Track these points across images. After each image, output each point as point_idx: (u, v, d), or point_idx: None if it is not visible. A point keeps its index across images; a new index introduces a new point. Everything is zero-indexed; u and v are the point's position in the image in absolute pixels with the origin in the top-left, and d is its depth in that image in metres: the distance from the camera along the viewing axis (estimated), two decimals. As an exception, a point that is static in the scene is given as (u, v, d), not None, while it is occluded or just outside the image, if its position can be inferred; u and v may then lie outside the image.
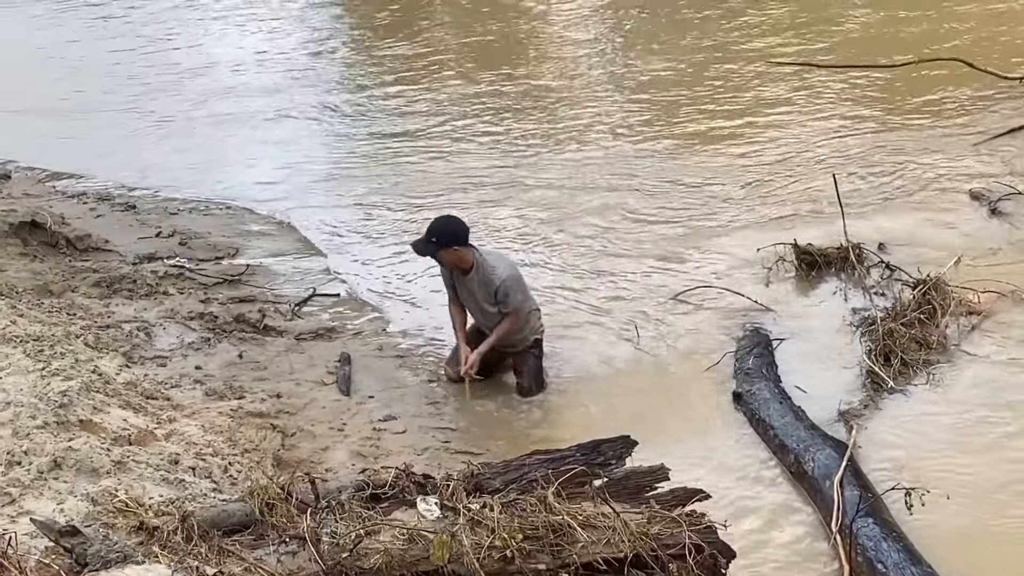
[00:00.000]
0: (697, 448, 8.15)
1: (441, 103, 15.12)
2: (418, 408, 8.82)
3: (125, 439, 7.41)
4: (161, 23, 18.91)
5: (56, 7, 20.21)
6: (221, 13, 19.87)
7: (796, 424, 8.09)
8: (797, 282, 10.18)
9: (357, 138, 14.35)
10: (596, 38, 17.31)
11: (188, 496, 6.82)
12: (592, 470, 6.40)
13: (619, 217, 11.59)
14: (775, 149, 12.75)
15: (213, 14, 19.77)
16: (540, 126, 14.15)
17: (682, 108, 14.24)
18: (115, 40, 18.32)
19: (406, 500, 6.23)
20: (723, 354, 9.23)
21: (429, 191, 12.55)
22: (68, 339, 8.95)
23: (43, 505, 6.49)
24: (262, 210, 12.44)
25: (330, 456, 7.98)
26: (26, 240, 10.99)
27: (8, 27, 19.17)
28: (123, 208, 12.51)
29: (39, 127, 14.96)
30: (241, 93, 15.85)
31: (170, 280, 10.60)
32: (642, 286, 10.38)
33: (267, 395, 8.74)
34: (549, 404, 8.95)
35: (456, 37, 17.85)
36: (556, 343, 9.57)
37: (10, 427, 7.24)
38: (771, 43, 15.86)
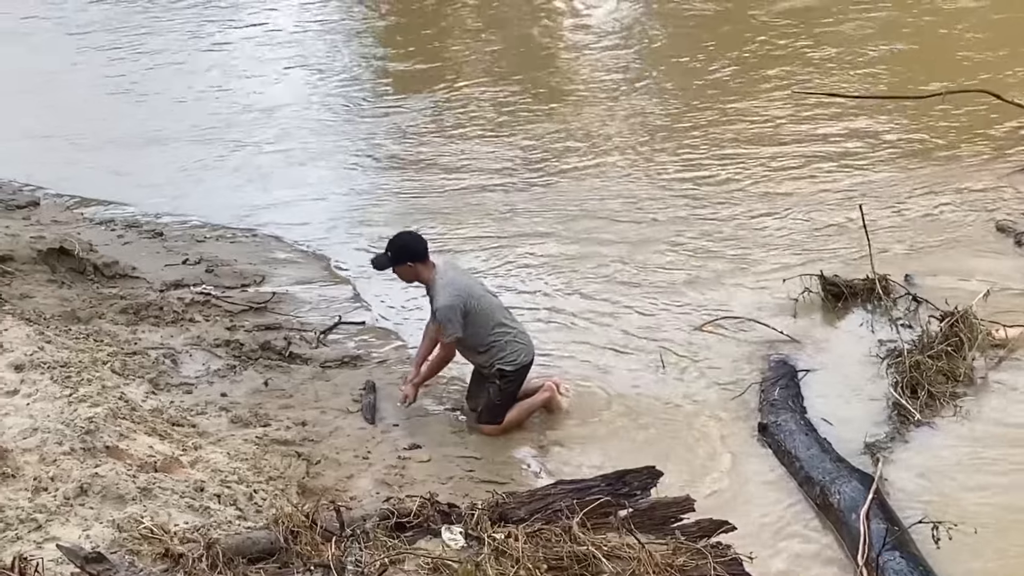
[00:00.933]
0: (723, 479, 8.14)
1: (466, 133, 15.11)
2: (443, 437, 8.82)
3: (151, 466, 7.43)
4: (196, 57, 18.99)
5: (96, 36, 20.32)
6: (250, 37, 19.96)
7: (822, 456, 8.07)
8: (823, 313, 10.15)
9: (384, 167, 14.35)
10: (622, 66, 17.28)
11: (213, 523, 6.82)
12: (617, 500, 6.40)
13: (644, 247, 11.56)
14: (801, 179, 12.73)
15: (244, 46, 19.85)
16: (565, 155, 14.13)
17: (707, 136, 14.21)
18: (149, 71, 18.39)
19: (431, 529, 6.25)
20: (748, 385, 9.21)
21: (454, 220, 12.55)
22: (95, 365, 8.98)
23: (69, 531, 6.51)
24: (288, 238, 12.45)
25: (355, 484, 7.97)
26: (54, 267, 11.02)
27: (40, 57, 19.27)
28: (150, 235, 12.54)
29: (68, 154, 15.00)
30: (269, 121, 15.85)
31: (196, 307, 10.61)
32: (668, 316, 10.37)
33: (292, 423, 8.75)
34: (573, 434, 8.94)
35: (485, 82, 17.88)
36: (581, 372, 9.57)
37: (37, 453, 7.27)
38: (798, 73, 15.84)
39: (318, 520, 6.29)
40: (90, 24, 20.85)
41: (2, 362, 8.65)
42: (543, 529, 6.11)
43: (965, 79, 14.41)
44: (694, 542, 6.24)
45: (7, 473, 7.01)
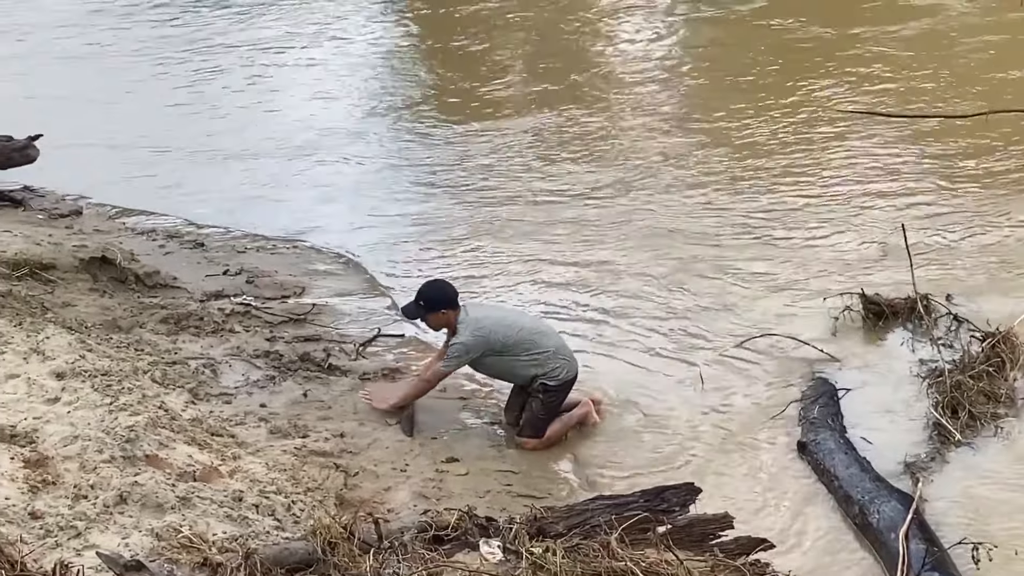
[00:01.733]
0: (761, 497, 8.12)
1: (508, 144, 15.12)
2: (481, 450, 8.82)
3: (190, 475, 7.46)
4: (244, 67, 19.08)
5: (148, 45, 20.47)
6: (296, 45, 20.04)
7: (861, 475, 8.04)
8: (864, 332, 10.11)
9: (424, 180, 14.37)
10: (666, 79, 17.29)
11: (251, 533, 6.84)
12: (656, 516, 6.39)
13: (682, 263, 11.55)
14: (842, 198, 12.68)
15: (291, 52, 19.92)
16: (603, 168, 14.12)
17: (748, 154, 14.18)
18: (193, 80, 18.50)
19: (469, 542, 6.25)
20: (788, 403, 9.18)
21: (493, 233, 12.56)
22: (136, 374, 9.02)
23: (108, 539, 6.54)
24: (329, 250, 12.49)
25: (392, 496, 7.97)
26: (96, 275, 11.08)
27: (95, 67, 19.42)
28: (191, 245, 12.60)
29: (112, 164, 15.09)
30: (313, 133, 15.90)
31: (236, 318, 10.65)
32: (706, 333, 10.34)
33: (331, 434, 8.76)
34: (612, 451, 8.94)
35: (525, 83, 17.89)
36: (620, 388, 9.57)
37: (77, 461, 7.31)
38: (839, 91, 15.79)
39: (356, 532, 6.30)
40: (150, 45, 20.99)
41: (44, 369, 8.70)
42: (581, 544, 6.10)
43: (1012, 98, 14.35)
44: (733, 559, 6.23)
45: (47, 480, 7.05)
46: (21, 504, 6.71)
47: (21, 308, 9.84)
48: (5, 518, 6.41)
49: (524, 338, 9.07)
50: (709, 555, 6.27)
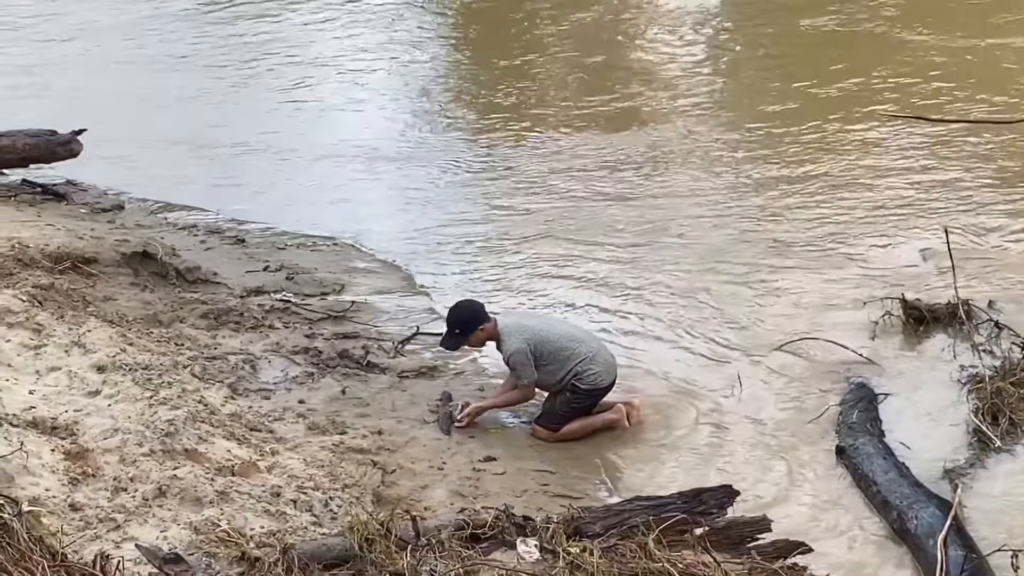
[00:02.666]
0: (799, 501, 8.09)
1: (545, 146, 15.13)
2: (518, 450, 8.83)
3: (228, 470, 7.50)
4: (291, 65, 19.15)
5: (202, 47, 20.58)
6: (343, 52, 20.07)
7: (900, 480, 8.00)
8: (904, 337, 10.05)
9: (463, 180, 14.39)
10: (708, 82, 17.26)
11: (289, 529, 6.88)
12: (693, 518, 6.39)
13: (726, 265, 11.52)
14: (885, 201, 12.61)
15: (334, 52, 19.96)
16: (640, 171, 14.11)
17: (788, 153, 14.13)
18: (239, 77, 18.56)
19: (506, 541, 6.26)
20: (827, 407, 9.15)
21: (530, 232, 12.56)
22: (175, 369, 9.07)
23: (147, 532, 6.58)
24: (368, 247, 12.51)
25: (429, 494, 7.98)
26: (137, 270, 11.13)
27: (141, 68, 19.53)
28: (232, 241, 12.65)
29: (155, 159, 15.17)
30: (354, 132, 15.93)
31: (276, 314, 10.69)
32: (744, 336, 10.31)
33: (369, 431, 8.78)
34: (649, 451, 8.93)
35: (564, 82, 17.88)
36: (658, 389, 9.58)
37: (117, 453, 7.36)
38: (885, 94, 15.72)
39: (393, 529, 6.32)
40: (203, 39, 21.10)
41: (85, 363, 8.77)
42: (618, 544, 6.11)
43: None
44: (770, 562, 6.22)
45: (88, 472, 7.11)
46: (61, 496, 6.77)
47: (63, 301, 9.91)
48: (46, 509, 6.46)
49: (563, 344, 9.10)
50: (746, 558, 6.26)
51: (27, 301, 9.60)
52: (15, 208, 12.90)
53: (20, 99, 17.12)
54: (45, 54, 20.26)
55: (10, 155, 13.36)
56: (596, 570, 5.89)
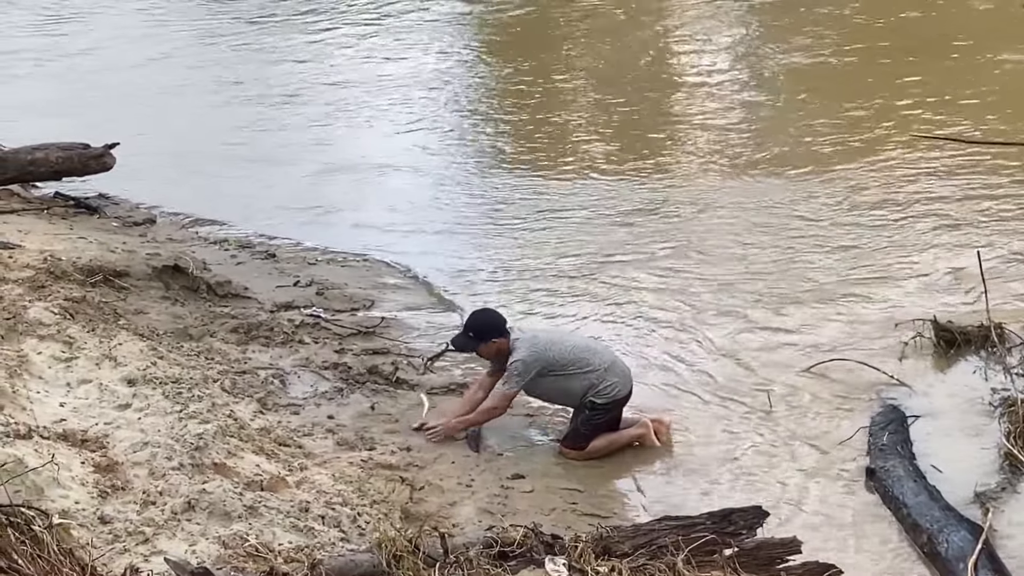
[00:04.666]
0: (829, 523, 8.06)
1: (585, 178, 15.13)
2: (547, 468, 8.81)
3: (257, 484, 7.51)
4: (318, 77, 19.24)
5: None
6: (375, 63, 20.13)
7: (930, 503, 7.95)
8: (935, 359, 10.01)
9: (496, 197, 14.38)
10: (739, 101, 17.25)
11: (317, 544, 6.88)
12: (723, 539, 6.37)
13: (752, 286, 11.49)
14: (918, 221, 12.56)
15: (367, 65, 20.03)
16: (670, 186, 14.11)
17: (820, 173, 14.10)
18: (267, 93, 18.64)
19: (534, 559, 6.25)
20: (857, 428, 9.11)
21: (561, 251, 12.56)
22: (205, 383, 9.09)
23: (176, 546, 6.59)
24: (398, 264, 12.52)
25: (458, 511, 7.98)
26: (168, 284, 11.16)
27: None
28: (263, 256, 12.67)
29: (183, 172, 15.23)
30: (388, 151, 15.94)
31: (306, 329, 10.70)
32: (775, 356, 10.28)
33: (397, 447, 8.79)
34: (678, 471, 8.90)
35: (591, 88, 17.91)
36: (688, 409, 9.55)
37: (147, 467, 7.38)
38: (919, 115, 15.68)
39: (421, 545, 6.32)
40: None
41: (115, 376, 8.80)
42: (647, 565, 6.09)
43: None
44: (800, 584, 6.20)
45: (117, 486, 7.12)
46: (91, 508, 6.79)
47: (94, 314, 9.94)
48: (76, 522, 6.48)
49: (577, 356, 9.09)
50: (776, 579, 6.24)
51: (59, 314, 9.64)
52: (48, 221, 12.97)
53: (52, 114, 17.20)
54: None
55: (43, 168, 13.43)
56: (625, 590, 5.88)
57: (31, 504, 5.82)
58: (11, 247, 11.03)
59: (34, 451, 7.12)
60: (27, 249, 11.04)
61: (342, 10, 22.93)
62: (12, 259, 10.61)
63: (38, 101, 17.86)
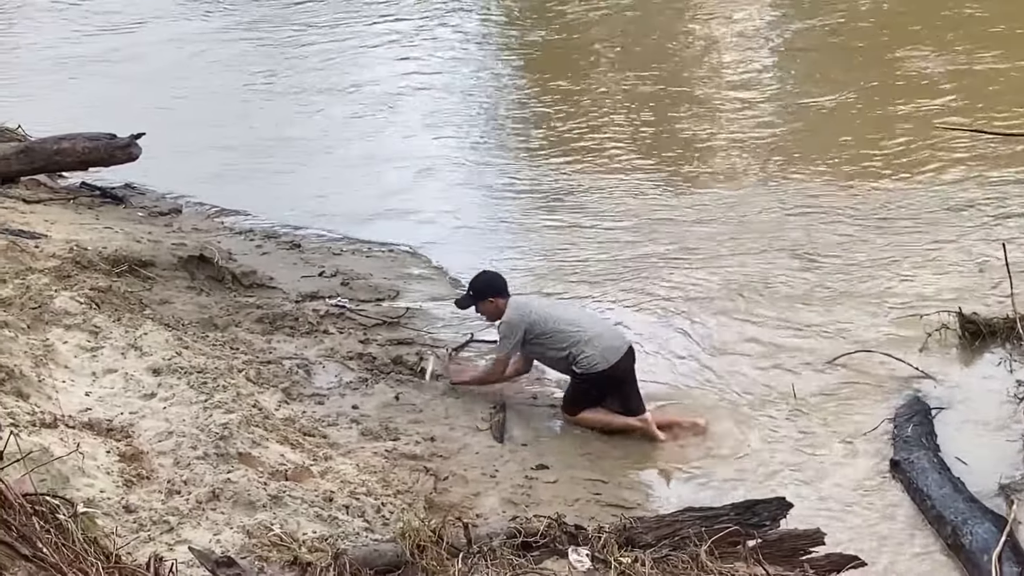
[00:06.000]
0: (853, 514, 8.05)
1: (603, 151, 15.14)
2: (571, 459, 8.82)
3: (282, 474, 7.53)
4: (344, 68, 19.25)
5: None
6: (400, 51, 20.15)
7: (954, 495, 7.94)
8: (960, 351, 9.99)
9: (520, 190, 14.36)
10: (763, 87, 17.20)
11: (341, 534, 6.89)
12: (746, 530, 6.36)
13: (774, 276, 11.47)
14: (943, 213, 12.53)
15: (391, 53, 20.02)
16: (697, 189, 14.08)
17: (842, 166, 14.07)
18: (297, 82, 18.69)
19: (557, 550, 6.25)
20: (881, 420, 9.10)
21: (584, 242, 12.57)
22: (230, 373, 9.11)
23: (200, 535, 6.61)
24: (423, 254, 12.53)
25: (481, 502, 8.00)
26: (193, 274, 11.18)
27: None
28: (288, 246, 12.70)
29: (211, 163, 15.26)
30: (412, 140, 15.97)
31: (331, 319, 10.72)
32: (799, 348, 10.26)
33: (421, 438, 8.80)
34: (701, 463, 8.89)
35: (620, 87, 17.88)
36: (711, 400, 9.57)
37: (172, 456, 7.41)
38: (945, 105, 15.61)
39: (445, 536, 6.32)
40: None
41: (141, 365, 8.83)
42: (671, 556, 6.09)
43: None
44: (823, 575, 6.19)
45: (142, 475, 7.15)
46: (116, 497, 6.81)
47: (120, 304, 9.97)
48: (100, 511, 6.50)
49: (558, 328, 9.34)
50: (799, 571, 6.23)
51: (84, 303, 9.67)
52: (74, 211, 13.02)
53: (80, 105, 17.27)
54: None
55: (70, 158, 13.47)
56: (648, 581, 5.88)
57: (56, 493, 5.83)
58: (37, 237, 11.06)
59: (59, 440, 7.15)
60: (53, 239, 11.07)
61: (383, 13, 22.86)
62: (38, 249, 10.64)
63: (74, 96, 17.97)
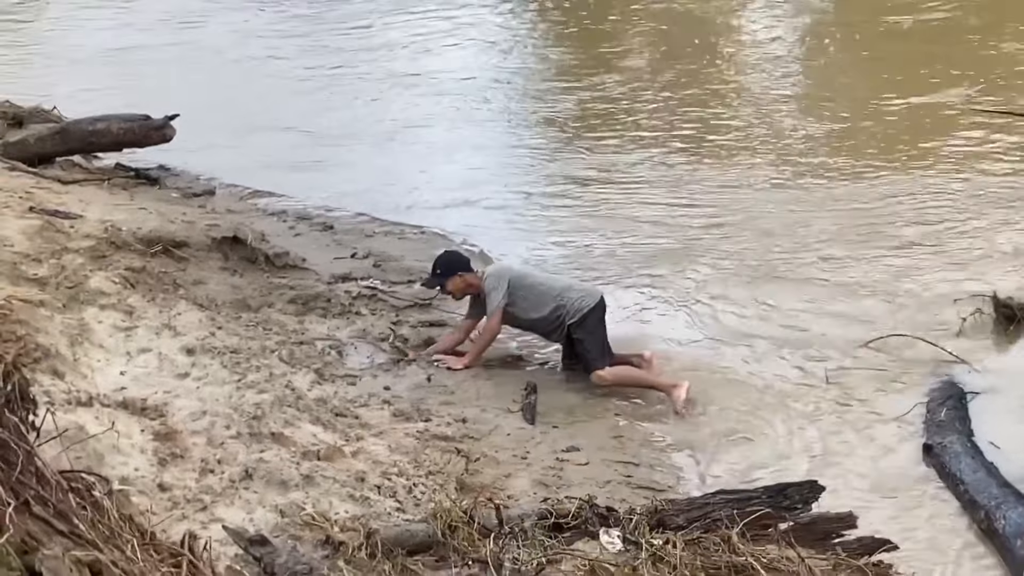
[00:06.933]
0: (885, 498, 8.03)
1: (637, 140, 15.11)
2: (602, 440, 8.80)
3: (314, 454, 7.56)
4: (374, 49, 19.27)
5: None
6: (427, 35, 20.13)
7: (988, 480, 7.91)
8: (994, 336, 9.96)
9: (552, 173, 14.37)
10: (791, 73, 17.15)
11: (373, 514, 6.92)
12: (778, 513, 6.36)
13: (809, 262, 11.46)
14: (975, 196, 12.48)
15: (421, 35, 20.04)
16: (732, 166, 14.06)
17: (876, 151, 14.04)
18: (331, 64, 18.72)
19: (588, 531, 6.27)
20: (914, 404, 9.07)
21: (615, 226, 12.58)
22: (263, 353, 9.14)
23: (233, 513, 6.64)
24: (455, 237, 12.54)
25: (512, 483, 7.98)
26: (227, 255, 11.19)
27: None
28: (321, 228, 12.71)
29: (250, 145, 15.30)
30: (443, 122, 15.99)
31: (363, 301, 10.73)
32: (833, 332, 10.24)
33: (453, 419, 8.81)
34: (734, 446, 8.88)
35: (656, 73, 17.84)
36: (744, 383, 9.55)
37: (205, 435, 7.44)
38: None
39: (476, 516, 6.34)
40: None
41: (175, 345, 8.87)
42: (702, 537, 6.09)
43: None
44: (855, 559, 6.18)
45: (176, 454, 7.17)
46: (150, 476, 6.85)
47: (154, 284, 10.00)
48: (135, 488, 6.54)
49: (538, 281, 9.88)
50: (831, 554, 6.23)
51: (119, 283, 9.71)
52: (109, 191, 13.04)
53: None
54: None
55: (105, 139, 13.52)
56: (679, 562, 5.88)
57: (92, 470, 5.87)
58: (73, 217, 11.11)
59: (95, 418, 7.19)
60: (88, 219, 11.10)
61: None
62: (74, 229, 10.67)
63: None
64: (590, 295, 9.75)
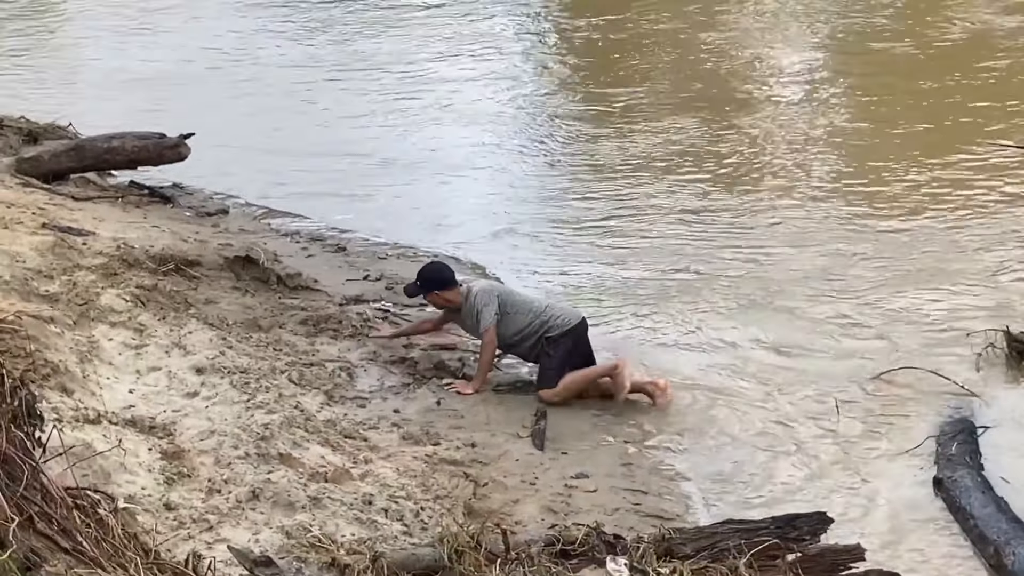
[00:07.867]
0: (894, 532, 7.99)
1: (648, 153, 15.13)
2: (611, 468, 8.77)
3: (322, 476, 7.55)
4: (393, 74, 19.35)
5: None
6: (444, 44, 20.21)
7: (998, 515, 7.86)
8: (1007, 370, 9.92)
9: (568, 192, 14.40)
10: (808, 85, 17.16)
11: (379, 537, 6.91)
12: (786, 544, 6.33)
13: (821, 293, 11.43)
14: (992, 232, 12.45)
15: (436, 52, 20.11)
16: (743, 192, 14.06)
17: (890, 180, 14.05)
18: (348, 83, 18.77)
19: (595, 559, 6.25)
20: (925, 438, 9.03)
21: (636, 248, 12.59)
22: (273, 374, 9.15)
23: (239, 534, 6.64)
24: (467, 260, 12.53)
25: (520, 509, 7.96)
26: (239, 274, 11.21)
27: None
28: (333, 249, 12.73)
29: (257, 165, 15.33)
30: (458, 145, 16.01)
31: (375, 323, 10.74)
32: (844, 364, 10.20)
33: (462, 443, 8.79)
34: (743, 476, 8.85)
35: (671, 89, 17.87)
36: (754, 413, 9.51)
37: (213, 455, 7.44)
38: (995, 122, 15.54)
39: (483, 541, 6.33)
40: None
41: (184, 364, 8.88)
42: (709, 567, 6.07)
43: None
44: (862, 592, 6.16)
45: (183, 473, 7.19)
46: (156, 495, 6.86)
47: (165, 302, 10.02)
48: (141, 507, 6.54)
49: (524, 299, 10.04)
50: (838, 586, 6.20)
51: (130, 301, 9.74)
52: (122, 209, 13.10)
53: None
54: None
55: (119, 156, 13.59)
56: (685, 592, 5.86)
57: (97, 488, 5.87)
58: (85, 234, 11.14)
59: (102, 436, 7.20)
60: (101, 236, 11.14)
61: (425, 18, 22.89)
62: (86, 246, 10.71)
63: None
64: (572, 315, 9.92)
